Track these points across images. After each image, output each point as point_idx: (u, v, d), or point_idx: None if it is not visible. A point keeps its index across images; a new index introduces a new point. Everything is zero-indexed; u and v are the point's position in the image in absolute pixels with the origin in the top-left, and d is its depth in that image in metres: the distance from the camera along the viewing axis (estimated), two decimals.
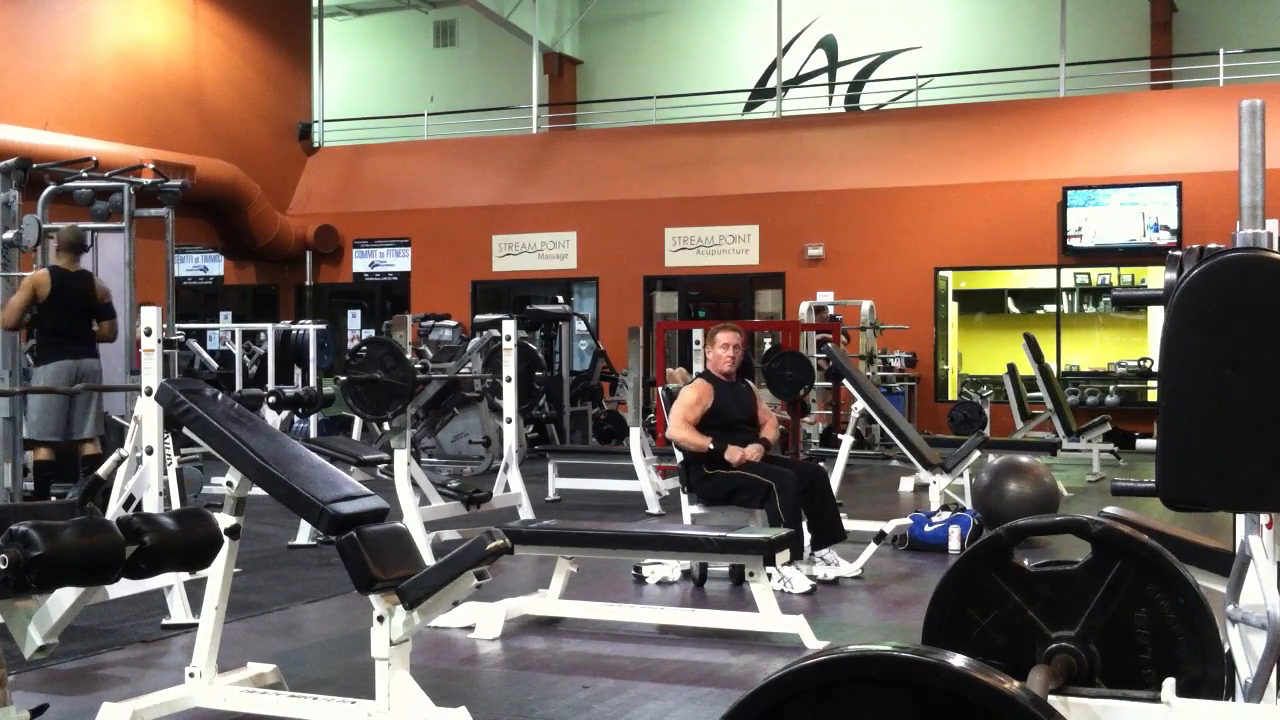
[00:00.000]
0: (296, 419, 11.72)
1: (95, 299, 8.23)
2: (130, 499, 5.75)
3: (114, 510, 5.59)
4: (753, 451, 6.62)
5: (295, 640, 5.59)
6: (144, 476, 5.73)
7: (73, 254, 8.21)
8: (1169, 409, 2.61)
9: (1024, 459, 8.49)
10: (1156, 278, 5.88)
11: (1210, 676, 2.87)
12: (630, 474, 9.81)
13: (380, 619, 3.77)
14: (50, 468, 8.18)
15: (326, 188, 20.65)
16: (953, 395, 17.47)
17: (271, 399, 10.10)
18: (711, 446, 6.61)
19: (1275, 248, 2.63)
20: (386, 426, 8.92)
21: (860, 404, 8.32)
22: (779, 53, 20.07)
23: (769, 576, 5.50)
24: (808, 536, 6.77)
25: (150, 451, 5.70)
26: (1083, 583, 2.95)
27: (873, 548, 6.80)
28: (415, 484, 7.58)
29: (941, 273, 17.49)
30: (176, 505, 5.72)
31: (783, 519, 6.31)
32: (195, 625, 4.51)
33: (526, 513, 8.51)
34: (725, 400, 6.81)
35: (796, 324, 14.17)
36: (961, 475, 8.26)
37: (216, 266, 21.27)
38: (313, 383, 12.68)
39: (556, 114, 22.11)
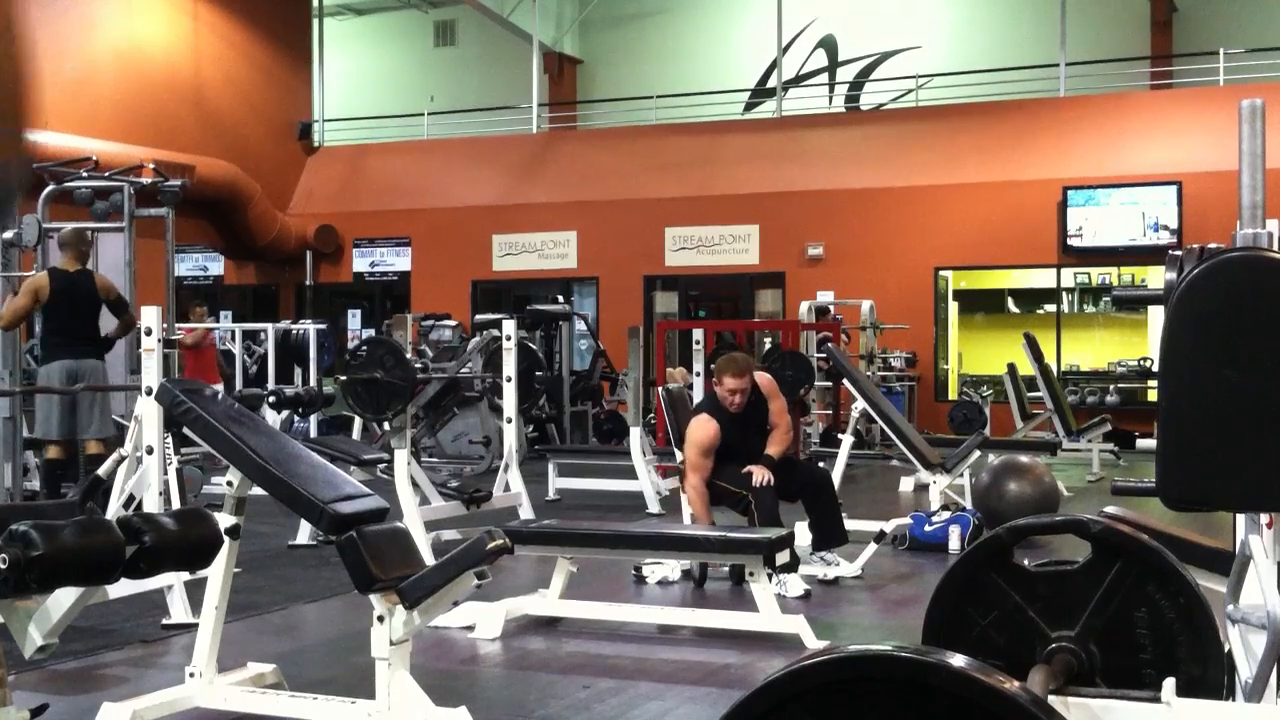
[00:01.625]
0: (296, 419, 11.72)
1: (99, 296, 8.18)
2: (130, 499, 5.75)
3: (114, 510, 5.59)
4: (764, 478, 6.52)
5: (295, 640, 5.59)
6: (144, 476, 5.73)
7: (73, 254, 8.17)
8: (1169, 409, 2.61)
9: (1024, 459, 8.48)
10: (1156, 277, 5.89)
11: (1210, 676, 2.87)
12: (630, 474, 9.81)
13: (380, 619, 3.77)
14: (60, 466, 8.17)
15: (326, 187, 20.66)
16: (953, 395, 17.47)
17: (271, 399, 10.10)
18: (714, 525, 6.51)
19: (1275, 248, 2.63)
20: (386, 426, 8.92)
21: (860, 404, 8.32)
22: (779, 53, 20.07)
23: (768, 577, 5.50)
24: (808, 539, 6.78)
25: (150, 451, 5.70)
26: (1083, 582, 2.95)
27: (873, 547, 6.80)
28: (415, 484, 7.58)
29: (941, 272, 17.49)
30: (176, 505, 5.72)
31: (755, 524, 6.30)
32: (195, 625, 4.51)
33: (526, 512, 8.51)
34: (731, 435, 6.65)
35: (796, 324, 14.17)
36: (961, 475, 8.26)
37: (216, 266, 21.28)
38: (313, 382, 12.68)
39: (556, 114, 22.11)
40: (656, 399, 10.76)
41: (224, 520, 3.93)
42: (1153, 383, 15.90)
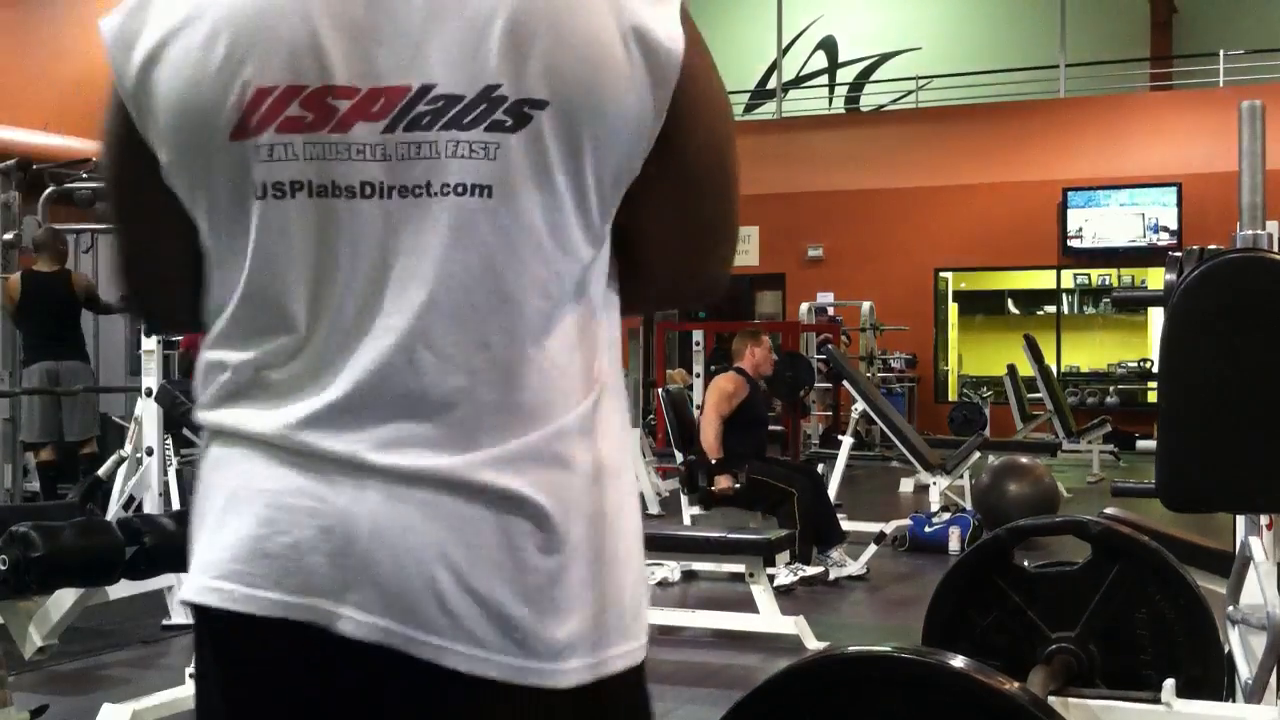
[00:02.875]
0: None
1: (77, 297, 7.90)
2: (130, 500, 5.75)
3: (114, 511, 5.59)
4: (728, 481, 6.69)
5: None
6: (144, 477, 5.72)
7: (49, 255, 7.98)
8: (1169, 410, 2.61)
9: (1024, 460, 8.49)
10: (1156, 278, 5.88)
11: (1210, 676, 2.87)
12: None
13: None
14: (54, 468, 8.11)
15: None
16: (953, 396, 17.47)
17: None
18: (714, 461, 6.65)
19: (1275, 248, 2.63)
20: None
21: (860, 405, 8.31)
22: (779, 53, 20.07)
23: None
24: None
25: (150, 452, 5.69)
26: (1083, 583, 2.95)
27: (873, 548, 6.80)
28: None
29: (942, 273, 17.49)
30: (177, 506, 5.72)
31: (798, 524, 6.32)
32: None
33: None
34: (756, 397, 6.95)
35: (796, 325, 14.16)
36: (961, 476, 8.25)
37: None
38: None
39: None
40: (656, 400, 10.75)
41: None
42: (1153, 384, 15.90)
